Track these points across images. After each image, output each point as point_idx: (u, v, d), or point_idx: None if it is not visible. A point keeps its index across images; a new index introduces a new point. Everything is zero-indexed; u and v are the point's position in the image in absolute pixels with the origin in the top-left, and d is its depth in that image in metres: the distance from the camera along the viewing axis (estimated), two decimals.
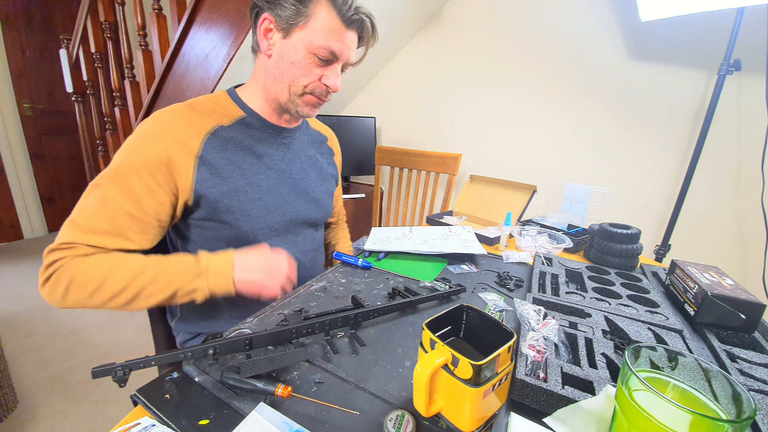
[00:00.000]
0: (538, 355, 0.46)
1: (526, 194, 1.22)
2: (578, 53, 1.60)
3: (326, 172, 0.84)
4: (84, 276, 0.53)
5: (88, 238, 0.55)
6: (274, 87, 0.65)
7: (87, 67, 1.94)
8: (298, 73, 0.62)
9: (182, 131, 0.60)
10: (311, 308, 0.62)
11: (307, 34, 0.59)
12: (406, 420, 0.38)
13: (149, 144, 0.58)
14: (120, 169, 0.57)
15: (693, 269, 0.65)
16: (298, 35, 0.59)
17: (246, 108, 0.69)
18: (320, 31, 0.59)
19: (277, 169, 0.71)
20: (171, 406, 0.39)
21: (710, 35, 1.32)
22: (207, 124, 0.63)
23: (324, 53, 0.60)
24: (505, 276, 0.77)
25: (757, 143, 1.27)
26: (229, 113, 0.67)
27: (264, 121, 0.70)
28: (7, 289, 2.03)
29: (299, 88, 0.64)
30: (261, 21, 0.61)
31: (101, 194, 0.56)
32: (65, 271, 0.53)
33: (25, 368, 1.43)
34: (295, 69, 0.62)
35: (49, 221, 2.91)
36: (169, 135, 0.59)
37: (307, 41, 0.59)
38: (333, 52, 0.61)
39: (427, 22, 1.96)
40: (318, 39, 0.59)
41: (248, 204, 0.66)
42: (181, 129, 0.60)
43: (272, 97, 0.67)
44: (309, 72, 0.62)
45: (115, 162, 0.58)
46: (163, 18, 1.51)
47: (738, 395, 0.29)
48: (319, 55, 0.60)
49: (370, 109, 2.28)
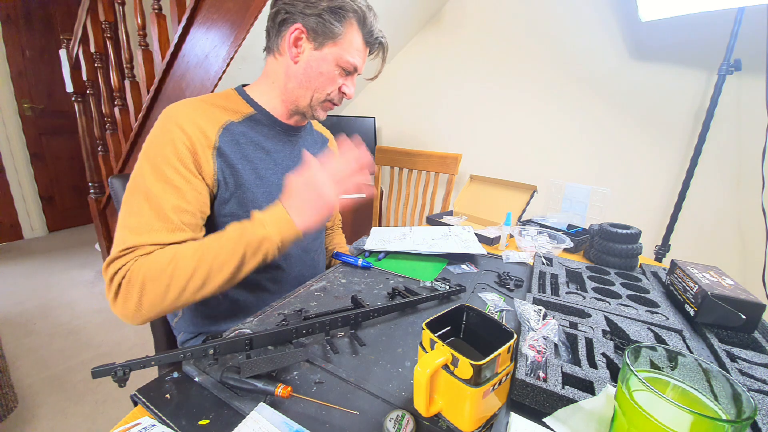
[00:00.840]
0: (538, 355, 0.46)
1: (526, 194, 1.22)
2: (578, 53, 1.60)
3: None
4: (154, 271, 0.52)
5: (145, 238, 0.54)
6: (297, 91, 0.68)
7: (87, 67, 1.94)
8: (325, 82, 0.67)
9: (200, 122, 0.62)
10: (311, 308, 0.62)
11: (338, 49, 0.65)
12: (406, 420, 0.38)
13: (173, 135, 0.59)
14: (154, 165, 0.57)
15: (693, 269, 0.65)
16: (330, 50, 0.65)
17: (256, 105, 0.70)
18: (349, 49, 0.66)
19: (284, 165, 0.73)
20: (171, 406, 0.39)
21: (710, 35, 1.32)
22: (220, 118, 0.65)
23: (349, 67, 0.67)
24: (505, 276, 0.77)
25: (757, 143, 1.27)
26: (239, 110, 0.68)
27: (273, 119, 0.71)
28: (7, 289, 2.03)
29: (322, 96, 0.69)
30: (292, 29, 0.63)
31: (143, 194, 0.56)
32: (134, 273, 0.52)
33: (25, 368, 1.43)
34: (322, 78, 0.67)
35: (49, 221, 2.91)
36: (190, 125, 0.60)
37: (336, 55, 0.65)
38: (356, 66, 0.68)
39: (427, 22, 1.96)
40: (346, 55, 0.66)
41: (260, 197, 0.67)
42: (199, 120, 0.61)
43: (291, 100, 0.69)
44: (333, 82, 0.68)
45: (146, 160, 0.58)
46: (163, 18, 1.51)
47: (738, 395, 0.29)
48: (345, 68, 0.67)
49: (370, 109, 2.28)
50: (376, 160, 1.81)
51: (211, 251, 0.54)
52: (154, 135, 0.60)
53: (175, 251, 0.54)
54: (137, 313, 0.53)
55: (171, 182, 0.57)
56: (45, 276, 2.21)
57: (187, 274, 0.52)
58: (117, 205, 0.75)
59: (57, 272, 2.27)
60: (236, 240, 0.55)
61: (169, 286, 0.52)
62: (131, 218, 0.56)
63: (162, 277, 0.51)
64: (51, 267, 2.33)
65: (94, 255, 2.54)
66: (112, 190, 0.78)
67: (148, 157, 0.58)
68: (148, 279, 0.51)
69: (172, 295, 0.52)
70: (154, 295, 0.52)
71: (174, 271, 0.52)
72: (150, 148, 0.59)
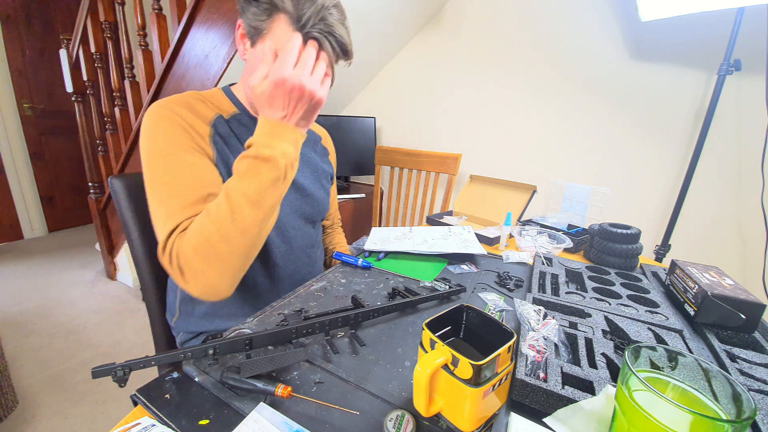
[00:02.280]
0: (538, 355, 0.46)
1: (526, 194, 1.23)
2: (578, 53, 1.60)
3: (321, 169, 0.84)
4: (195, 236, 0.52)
5: (179, 217, 0.55)
6: (246, 91, 0.68)
7: (87, 67, 1.94)
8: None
9: (191, 114, 0.62)
10: (311, 308, 0.62)
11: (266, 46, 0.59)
12: (406, 420, 0.38)
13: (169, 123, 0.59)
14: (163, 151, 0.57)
15: (693, 269, 0.65)
16: (260, 46, 0.60)
17: (240, 105, 0.70)
18: (277, 45, 0.57)
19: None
20: (171, 406, 0.39)
21: (710, 35, 1.32)
22: (209, 114, 0.65)
23: None
24: (505, 276, 0.77)
25: (757, 143, 1.27)
26: (225, 109, 0.69)
27: (255, 119, 0.71)
28: (7, 289, 2.03)
29: None
30: (238, 26, 0.63)
31: (163, 179, 0.57)
32: (181, 249, 0.53)
33: (25, 368, 1.43)
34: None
35: (49, 221, 2.91)
36: (183, 116, 0.61)
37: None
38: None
39: (427, 22, 1.96)
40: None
41: None
42: (187, 115, 0.62)
43: (249, 100, 0.69)
44: None
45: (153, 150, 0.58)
46: (163, 18, 1.51)
47: (738, 395, 0.29)
48: None
49: (370, 109, 2.28)
50: (376, 160, 1.81)
51: (236, 193, 0.53)
52: (151, 127, 0.59)
53: (206, 211, 0.54)
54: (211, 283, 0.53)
55: (183, 159, 0.58)
56: (45, 276, 2.21)
57: (227, 222, 0.52)
58: (117, 205, 0.75)
59: (57, 272, 2.27)
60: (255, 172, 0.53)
61: (220, 241, 0.52)
62: (161, 208, 0.57)
63: (206, 237, 0.52)
64: (51, 267, 2.33)
65: (94, 255, 2.54)
66: (112, 190, 0.78)
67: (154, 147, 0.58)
68: (199, 246, 0.52)
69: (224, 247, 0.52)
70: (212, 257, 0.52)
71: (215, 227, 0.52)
72: (151, 140, 0.59)
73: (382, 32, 1.82)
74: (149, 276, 0.78)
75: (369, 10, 1.56)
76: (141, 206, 0.76)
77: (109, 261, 2.19)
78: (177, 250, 0.53)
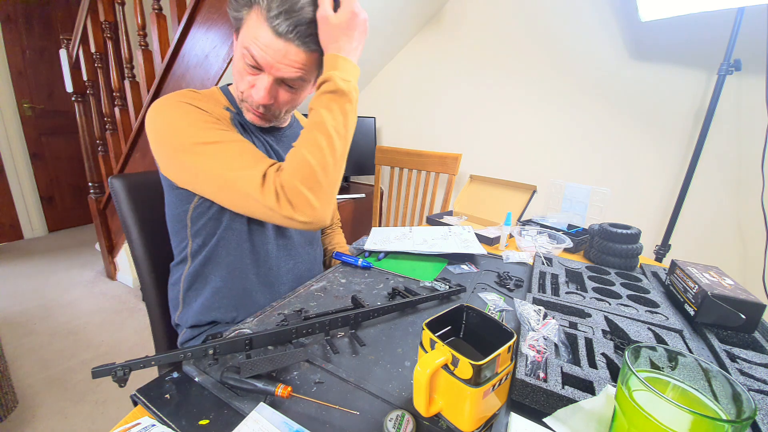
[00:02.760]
0: (538, 355, 0.46)
1: (526, 194, 1.23)
2: (578, 53, 1.60)
3: None
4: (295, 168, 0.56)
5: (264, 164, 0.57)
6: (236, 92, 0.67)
7: (87, 67, 1.94)
8: (236, 77, 0.63)
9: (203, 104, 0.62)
10: (311, 308, 0.62)
11: (242, 37, 0.58)
12: (406, 420, 0.38)
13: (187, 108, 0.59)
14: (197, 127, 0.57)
15: (693, 269, 0.65)
16: (239, 38, 0.59)
17: (236, 105, 0.70)
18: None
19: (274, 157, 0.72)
20: (171, 406, 0.39)
21: (710, 35, 1.32)
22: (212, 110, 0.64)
23: (248, 59, 0.58)
24: (505, 276, 0.77)
25: (757, 143, 1.27)
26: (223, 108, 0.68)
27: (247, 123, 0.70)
28: (7, 289, 2.03)
29: (239, 93, 0.64)
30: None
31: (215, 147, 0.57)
32: (285, 181, 0.55)
33: (25, 368, 1.43)
34: (234, 72, 0.63)
35: (49, 221, 2.90)
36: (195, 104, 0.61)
37: (241, 44, 0.58)
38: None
39: (427, 22, 1.96)
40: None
41: None
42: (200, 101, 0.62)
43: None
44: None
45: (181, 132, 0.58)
46: (163, 18, 1.51)
47: (738, 395, 0.29)
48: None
49: (370, 109, 2.28)
50: (376, 160, 1.81)
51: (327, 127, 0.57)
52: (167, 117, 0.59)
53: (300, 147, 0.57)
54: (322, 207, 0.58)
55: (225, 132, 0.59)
56: (45, 276, 2.21)
57: (325, 153, 0.56)
58: (117, 205, 0.75)
59: (57, 272, 2.27)
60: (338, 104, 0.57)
61: (320, 172, 0.56)
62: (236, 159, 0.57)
63: (310, 169, 0.56)
64: (51, 267, 2.33)
65: (94, 255, 2.54)
66: (112, 190, 0.78)
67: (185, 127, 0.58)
68: (303, 178, 0.56)
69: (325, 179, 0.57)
70: (318, 187, 0.57)
71: (316, 160, 0.56)
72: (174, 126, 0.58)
73: (382, 32, 1.82)
74: (149, 276, 0.78)
75: (369, 10, 1.55)
76: (141, 206, 0.76)
77: (109, 261, 2.19)
78: (283, 184, 0.55)
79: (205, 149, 0.57)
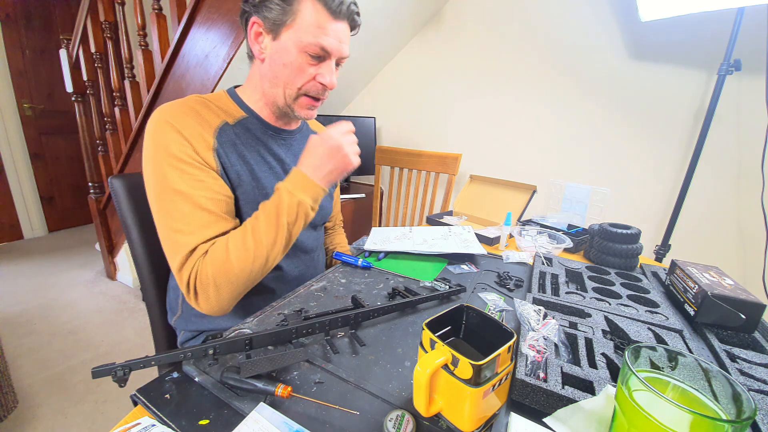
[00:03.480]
0: (538, 355, 0.46)
1: (526, 194, 1.23)
2: (578, 53, 1.60)
3: None
4: (218, 267, 0.55)
5: (198, 236, 0.57)
6: (271, 91, 0.65)
7: (87, 67, 1.94)
8: (292, 74, 0.61)
9: (196, 124, 0.61)
10: (311, 308, 0.62)
11: (295, 32, 0.57)
12: (406, 420, 0.38)
13: (174, 134, 0.58)
14: (171, 165, 0.57)
15: (693, 269, 0.65)
16: (287, 35, 0.58)
17: (247, 109, 0.69)
18: (309, 28, 0.57)
19: (278, 170, 0.71)
20: (171, 406, 0.39)
21: (710, 35, 1.32)
22: (214, 120, 0.64)
23: (315, 50, 0.58)
24: (505, 276, 0.77)
25: (757, 143, 1.27)
26: (232, 113, 0.67)
27: (264, 123, 0.70)
28: (7, 289, 2.03)
29: (293, 91, 0.63)
30: (250, 26, 0.61)
31: (174, 194, 0.57)
32: (202, 274, 0.55)
33: (25, 368, 1.43)
34: (287, 70, 0.61)
35: (49, 221, 2.90)
36: (186, 129, 0.59)
37: (296, 40, 0.58)
38: (324, 48, 0.59)
39: (427, 22, 1.96)
40: (307, 36, 0.57)
41: (257, 199, 0.67)
42: (193, 124, 0.61)
43: (271, 101, 0.67)
44: (302, 72, 0.61)
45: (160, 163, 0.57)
46: (163, 18, 1.51)
47: (738, 395, 0.29)
48: (311, 52, 0.59)
49: (370, 109, 2.28)
50: (376, 160, 1.81)
51: (258, 233, 0.57)
52: (155, 139, 0.59)
53: (226, 244, 0.56)
54: (220, 306, 0.58)
55: (194, 176, 0.58)
56: (45, 276, 2.21)
57: (248, 259, 0.56)
58: (117, 205, 0.75)
59: (57, 272, 2.27)
60: (276, 215, 0.57)
61: (237, 275, 0.56)
62: (176, 222, 0.57)
63: (227, 269, 0.55)
64: (51, 267, 2.33)
65: (94, 255, 2.54)
66: (112, 190, 0.78)
67: (161, 160, 0.57)
68: (218, 275, 0.55)
69: (241, 281, 0.57)
70: (227, 286, 0.56)
71: (236, 262, 0.55)
72: (157, 152, 0.58)
73: (382, 32, 1.82)
74: (149, 276, 0.78)
75: (369, 10, 1.55)
76: (141, 206, 0.76)
77: (109, 261, 2.19)
78: (198, 274, 0.56)
79: (166, 196, 0.57)
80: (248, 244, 0.56)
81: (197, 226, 0.57)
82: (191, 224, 0.56)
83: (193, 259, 0.56)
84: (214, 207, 0.59)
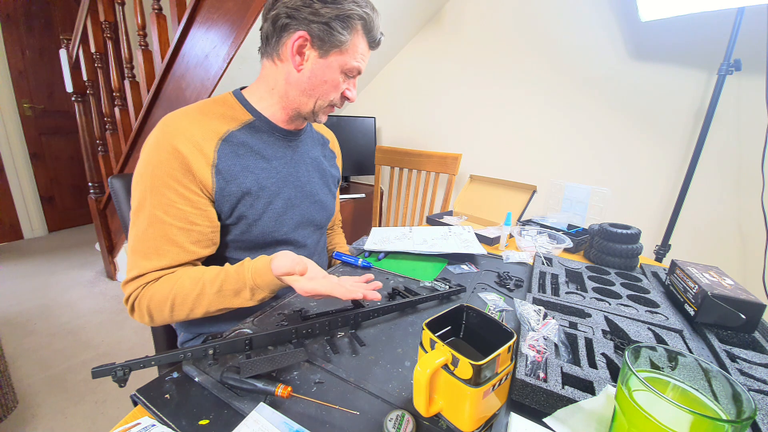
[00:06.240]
0: (538, 355, 0.46)
1: (526, 194, 1.22)
2: (578, 53, 1.60)
3: (329, 174, 0.84)
4: (156, 302, 0.58)
5: (153, 263, 0.58)
6: (299, 98, 0.67)
7: (87, 67, 1.93)
8: (329, 89, 0.67)
9: (198, 138, 0.61)
10: (311, 308, 0.62)
11: (343, 56, 0.64)
12: (406, 420, 0.38)
13: (167, 154, 0.58)
14: (154, 189, 0.58)
15: (693, 269, 0.65)
16: (335, 57, 0.64)
17: (254, 112, 0.68)
18: (354, 55, 0.65)
19: (284, 172, 0.72)
20: (171, 406, 0.39)
21: (710, 35, 1.32)
22: (219, 129, 0.64)
23: (354, 72, 0.67)
24: (505, 276, 0.77)
25: (757, 143, 1.27)
26: (238, 117, 0.67)
27: (272, 125, 0.70)
28: (7, 289, 2.03)
29: (326, 102, 0.68)
30: (295, 37, 0.61)
31: (148, 218, 0.58)
32: (141, 301, 0.58)
33: (25, 368, 1.43)
34: (327, 86, 0.66)
35: (49, 221, 2.90)
36: (186, 145, 0.59)
37: (341, 62, 0.64)
38: (360, 70, 0.68)
39: (427, 22, 1.96)
40: (352, 61, 0.65)
41: (260, 209, 0.67)
42: (196, 136, 0.61)
43: (293, 107, 0.68)
44: (337, 88, 0.67)
45: (145, 182, 0.59)
46: (163, 18, 1.51)
47: (738, 395, 0.29)
48: (349, 73, 0.67)
49: (370, 109, 2.27)
50: (376, 160, 1.81)
51: (206, 296, 0.58)
52: (151, 154, 0.59)
53: (174, 285, 0.58)
54: (152, 324, 0.62)
55: (173, 205, 0.59)
56: (45, 276, 2.21)
57: (183, 312, 0.58)
58: (117, 205, 0.75)
59: (57, 272, 2.27)
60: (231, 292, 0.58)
61: (171, 314, 0.59)
62: (139, 242, 0.59)
63: (164, 307, 0.58)
64: (51, 267, 2.33)
65: (94, 255, 2.53)
66: (112, 190, 0.78)
67: (148, 179, 0.58)
68: (153, 307, 0.58)
69: (175, 318, 0.59)
70: (160, 317, 0.59)
71: (173, 304, 0.58)
72: (148, 168, 0.59)
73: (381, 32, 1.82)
74: None
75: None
76: None
77: (109, 261, 2.19)
78: (137, 297, 0.59)
79: (141, 214, 0.59)
80: (188, 301, 0.57)
81: (156, 254, 0.59)
82: (151, 251, 0.58)
83: (138, 282, 0.58)
84: (183, 238, 0.60)
